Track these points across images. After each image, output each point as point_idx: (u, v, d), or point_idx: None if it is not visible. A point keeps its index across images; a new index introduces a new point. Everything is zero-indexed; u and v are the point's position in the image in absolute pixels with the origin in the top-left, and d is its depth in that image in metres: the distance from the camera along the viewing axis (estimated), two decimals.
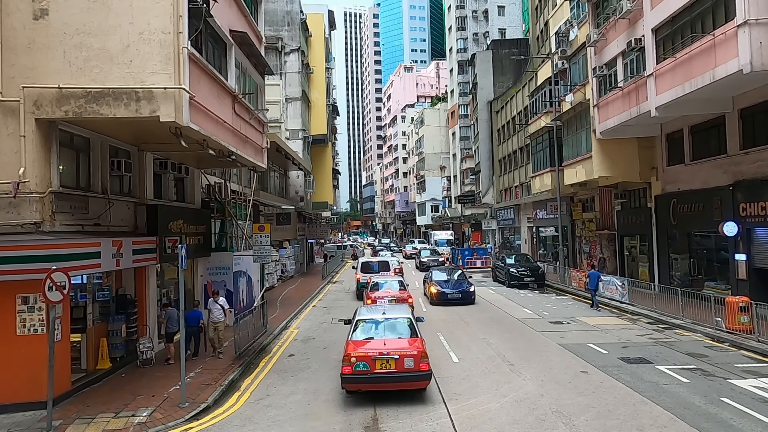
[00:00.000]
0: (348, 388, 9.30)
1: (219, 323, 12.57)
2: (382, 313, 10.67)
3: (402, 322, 10.23)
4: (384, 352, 9.15)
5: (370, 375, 9.05)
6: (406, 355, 9.12)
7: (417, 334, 9.93)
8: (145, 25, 9.06)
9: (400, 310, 11.11)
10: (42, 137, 9.00)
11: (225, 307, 12.89)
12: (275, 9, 35.53)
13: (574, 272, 23.85)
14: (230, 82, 12.25)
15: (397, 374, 9.06)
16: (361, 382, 9.14)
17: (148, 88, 8.96)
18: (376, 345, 9.46)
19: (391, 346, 9.34)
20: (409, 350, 9.22)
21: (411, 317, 10.56)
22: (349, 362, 9.08)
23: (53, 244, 8.84)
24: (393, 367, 9.05)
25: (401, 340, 9.60)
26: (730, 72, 12.51)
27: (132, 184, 12.24)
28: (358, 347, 9.45)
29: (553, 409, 8.55)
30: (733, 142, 16.09)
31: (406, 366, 9.05)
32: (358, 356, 9.12)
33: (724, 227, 15.05)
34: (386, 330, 10.03)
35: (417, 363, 9.08)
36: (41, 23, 8.89)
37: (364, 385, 9.20)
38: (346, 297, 23.16)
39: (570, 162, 24.07)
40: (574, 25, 23.28)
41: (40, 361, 8.51)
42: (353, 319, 10.76)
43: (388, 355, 9.11)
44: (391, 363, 9.06)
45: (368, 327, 10.18)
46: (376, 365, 9.04)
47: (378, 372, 9.04)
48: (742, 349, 12.16)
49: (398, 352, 9.15)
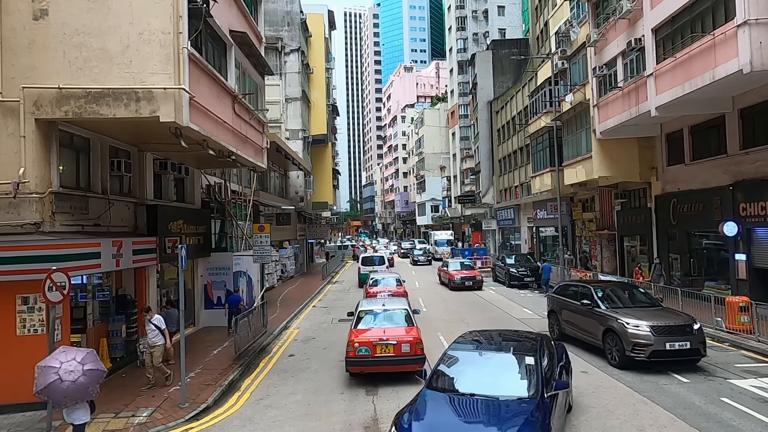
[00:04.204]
0: (351, 370, 10.25)
1: (155, 347, 10.08)
2: (382, 305, 11.64)
3: (399, 313, 11.21)
4: (383, 339, 10.14)
5: (371, 358, 10.06)
6: (403, 341, 10.11)
7: (413, 324, 10.87)
8: (145, 25, 9.06)
9: (398, 302, 12.13)
10: (42, 137, 9.00)
11: (161, 327, 10.19)
12: (275, 9, 35.54)
13: (574, 272, 23.85)
14: (230, 82, 12.26)
15: (395, 358, 10.07)
16: (364, 364, 10.11)
17: (147, 89, 8.96)
18: (376, 333, 10.40)
19: (390, 333, 10.31)
20: (405, 337, 10.21)
21: (408, 309, 11.48)
22: (352, 347, 10.09)
23: (53, 245, 8.84)
24: (391, 352, 10.06)
25: (399, 329, 10.54)
26: (730, 72, 12.50)
27: (132, 185, 12.24)
28: (361, 335, 10.38)
29: None
30: (733, 142, 16.09)
31: (403, 351, 10.06)
32: (360, 342, 10.12)
33: (724, 227, 15.05)
34: (385, 320, 11.03)
35: (413, 348, 10.11)
36: (41, 23, 8.89)
37: (366, 368, 10.15)
38: (346, 297, 23.16)
39: (570, 162, 24.07)
40: (574, 25, 23.27)
41: None
42: (356, 310, 11.65)
43: (387, 341, 10.11)
44: (390, 348, 10.08)
45: (369, 317, 11.13)
46: (376, 350, 10.07)
47: (378, 356, 10.05)
48: (742, 349, 12.15)
49: (396, 339, 10.14)
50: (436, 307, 19.62)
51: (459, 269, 25.10)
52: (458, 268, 25.32)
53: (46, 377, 6.38)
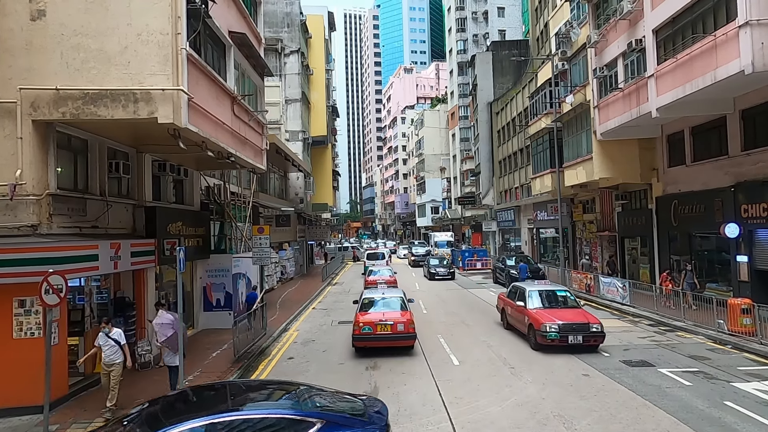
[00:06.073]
0: (357, 345, 12.70)
1: (112, 366, 8.84)
2: (382, 294, 14.23)
3: (396, 300, 13.65)
4: (383, 320, 12.58)
5: (373, 335, 12.47)
6: (398, 322, 12.57)
7: (406, 309, 13.29)
8: (144, 26, 8.99)
9: (395, 292, 14.61)
10: (39, 139, 8.93)
11: (121, 342, 8.97)
12: (275, 10, 35.50)
13: (574, 273, 23.78)
14: (229, 83, 12.19)
15: (392, 335, 12.50)
16: (367, 340, 12.54)
17: (146, 90, 8.89)
18: (377, 315, 12.85)
19: (388, 316, 12.77)
20: (400, 319, 12.66)
21: (403, 297, 13.84)
22: (358, 326, 12.56)
23: (50, 247, 8.76)
24: (389, 330, 12.49)
25: (395, 312, 12.96)
26: (732, 73, 12.44)
27: (130, 186, 12.16)
28: (364, 316, 12.86)
29: (555, 413, 8.47)
30: (734, 143, 16.02)
31: (398, 329, 12.50)
32: (364, 322, 12.61)
33: (725, 229, 14.97)
34: (384, 306, 13.42)
35: (406, 327, 12.54)
36: (38, 24, 8.82)
37: (369, 343, 12.58)
38: (346, 299, 23.03)
39: (570, 163, 24.00)
40: (574, 26, 23.23)
41: (36, 365, 8.41)
42: (360, 299, 14.30)
43: (385, 322, 12.55)
44: (388, 327, 12.51)
45: (371, 304, 13.60)
46: (377, 329, 12.49)
47: (378, 333, 12.47)
48: (744, 352, 12.08)
49: (393, 320, 12.59)
50: (436, 310, 19.45)
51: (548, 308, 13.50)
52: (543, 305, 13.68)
53: (166, 331, 9.38)
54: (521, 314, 13.91)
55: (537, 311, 13.29)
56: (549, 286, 15.19)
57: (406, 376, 10.83)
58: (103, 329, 9.00)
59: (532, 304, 13.70)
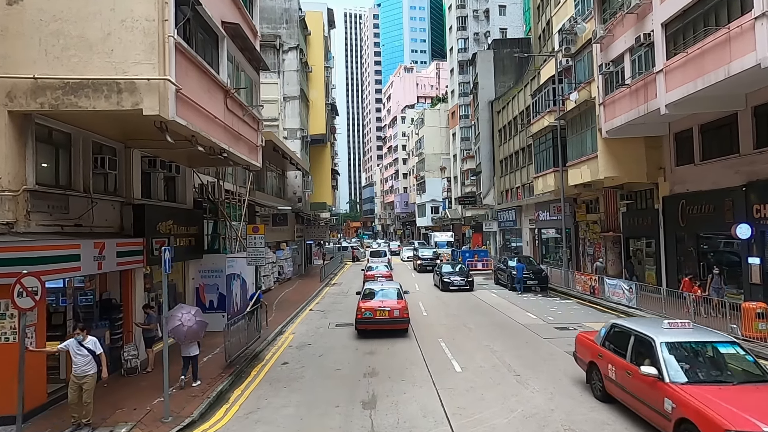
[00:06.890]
0: (359, 328, 14.75)
1: (85, 378, 7.96)
2: (381, 285, 16.68)
3: (393, 291, 15.82)
4: (381, 306, 14.71)
5: (373, 319, 14.55)
6: (395, 308, 14.69)
7: (402, 298, 15.39)
8: (128, 11, 8.44)
9: (392, 283, 17.17)
10: (16, 131, 8.37)
11: (97, 352, 8.11)
12: (273, 6, 34.94)
13: (578, 275, 23.24)
14: (222, 76, 11.65)
15: (390, 319, 14.52)
16: (367, 324, 14.59)
17: (130, 80, 8.34)
18: (376, 303, 14.98)
19: (386, 303, 14.88)
20: (396, 306, 14.76)
21: (399, 288, 16.10)
22: (360, 312, 14.68)
23: (27, 246, 8.21)
24: (387, 315, 14.54)
25: (392, 301, 15.04)
26: (747, 66, 11.90)
27: (118, 183, 11.59)
28: (365, 303, 14.99)
29: (566, 427, 7.91)
30: (746, 141, 15.48)
31: (395, 315, 14.56)
32: (365, 308, 14.70)
33: (737, 229, 14.41)
34: (382, 295, 15.50)
35: (402, 313, 14.65)
36: (15, 9, 8.27)
37: (369, 326, 14.61)
38: (344, 300, 22.52)
39: (574, 162, 23.46)
40: (578, 21, 22.68)
41: (11, 372, 7.84)
42: (362, 289, 16.72)
43: (384, 308, 14.65)
44: (386, 313, 14.57)
45: (372, 294, 15.72)
46: (376, 314, 14.56)
47: (378, 318, 14.53)
48: (760, 358, 11.43)
49: (390, 307, 14.68)
50: (437, 312, 18.93)
51: (713, 383, 7.07)
52: (699, 376, 7.25)
53: (173, 323, 9.64)
54: (652, 390, 7.30)
55: (703, 396, 6.54)
56: (696, 334, 8.11)
57: (406, 383, 10.28)
58: (76, 336, 8.11)
59: (675, 375, 7.17)
